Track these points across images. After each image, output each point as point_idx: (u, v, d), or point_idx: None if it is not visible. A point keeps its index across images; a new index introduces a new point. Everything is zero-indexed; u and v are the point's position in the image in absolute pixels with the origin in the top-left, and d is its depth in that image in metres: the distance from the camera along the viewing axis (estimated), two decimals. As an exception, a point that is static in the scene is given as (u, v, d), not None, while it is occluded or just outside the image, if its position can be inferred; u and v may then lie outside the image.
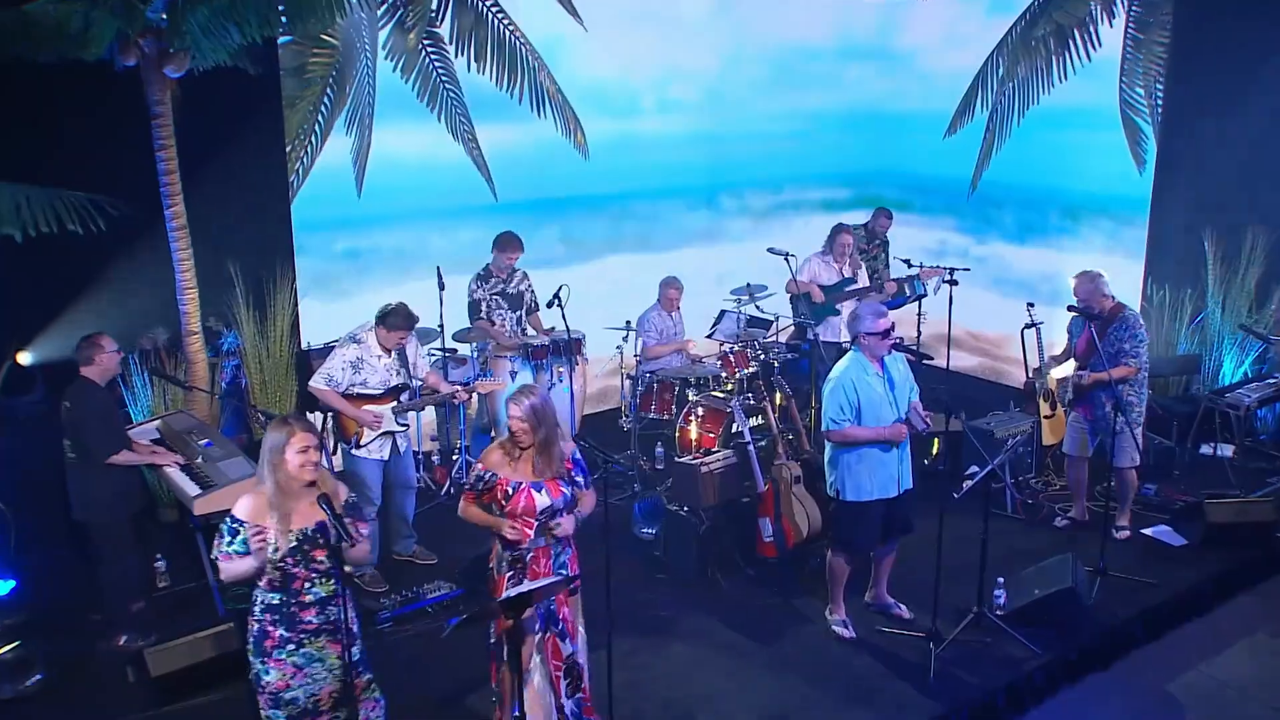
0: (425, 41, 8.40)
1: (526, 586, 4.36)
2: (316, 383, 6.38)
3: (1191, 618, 6.42)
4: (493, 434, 7.97)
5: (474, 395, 7.57)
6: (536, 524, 4.76)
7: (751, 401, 7.44)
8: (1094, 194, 9.60)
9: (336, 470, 6.64)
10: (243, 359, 7.93)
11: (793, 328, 9.15)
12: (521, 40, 8.84)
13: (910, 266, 9.69)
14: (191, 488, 5.77)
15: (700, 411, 7.74)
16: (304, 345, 8.04)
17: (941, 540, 5.70)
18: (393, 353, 6.47)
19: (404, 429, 6.56)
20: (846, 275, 8.78)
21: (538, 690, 4.88)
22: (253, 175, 7.69)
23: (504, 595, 4.27)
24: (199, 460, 6.02)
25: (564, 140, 9.21)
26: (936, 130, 10.71)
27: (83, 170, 6.35)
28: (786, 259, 8.32)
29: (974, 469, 6.25)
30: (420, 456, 8.00)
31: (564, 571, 4.85)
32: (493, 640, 4.83)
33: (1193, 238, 8.89)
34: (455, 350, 7.79)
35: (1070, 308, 6.83)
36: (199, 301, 7.15)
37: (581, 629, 5.06)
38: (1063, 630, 5.96)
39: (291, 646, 4.19)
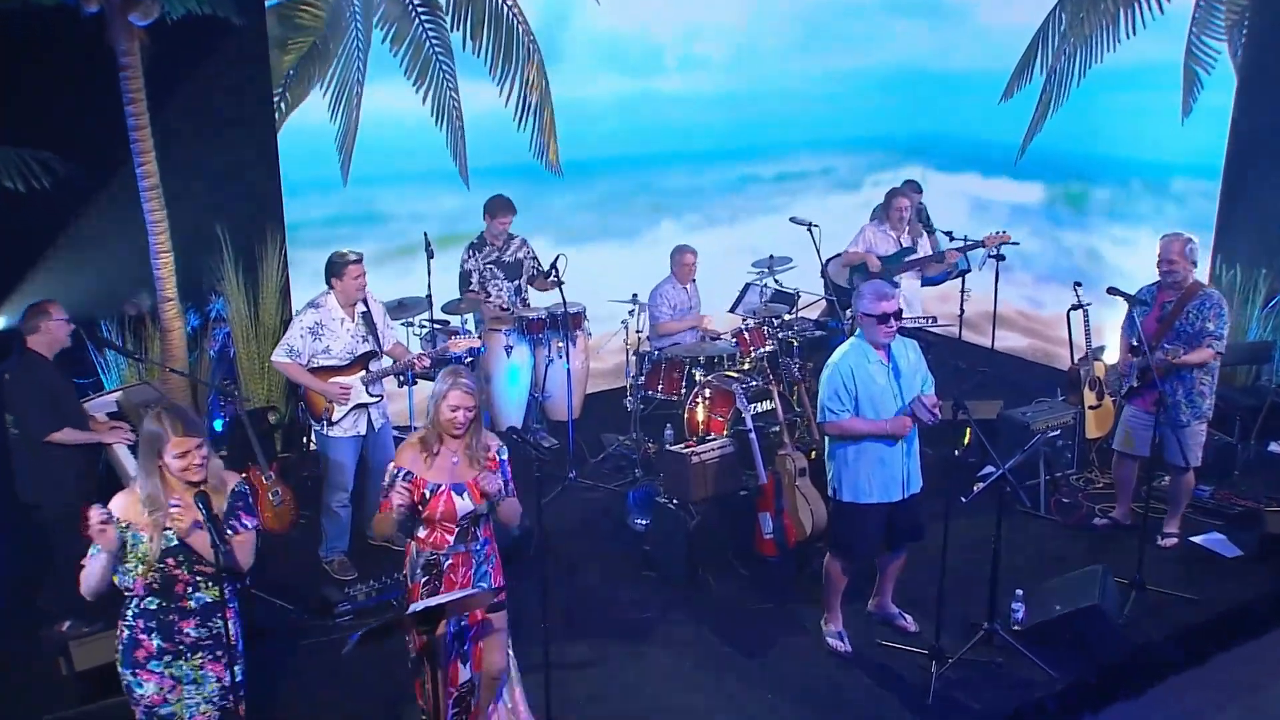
0: (420, 9, 7.83)
1: (441, 599, 3.84)
2: (277, 356, 5.95)
3: (1240, 641, 5.67)
4: (483, 396, 7.50)
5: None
6: (457, 529, 4.26)
7: (756, 384, 6.83)
8: (1158, 162, 8.74)
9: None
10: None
11: (824, 303, 8.53)
12: (520, 21, 8.25)
13: (952, 239, 8.99)
14: (134, 467, 5.36)
15: (708, 393, 7.16)
16: (295, 312, 7.61)
17: (947, 545, 5.11)
18: (356, 317, 5.99)
19: (377, 400, 6.09)
20: (905, 244, 8.10)
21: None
22: (237, 133, 7.26)
23: (412, 608, 3.75)
24: (148, 436, 5.62)
25: (573, 101, 8.59)
26: (990, 93, 9.89)
27: (43, 125, 5.99)
28: (810, 229, 7.66)
29: (989, 469, 5.60)
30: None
31: (485, 583, 4.34)
32: (413, 656, 4.34)
33: (1270, 211, 8.02)
34: (447, 322, 7.30)
35: (1111, 289, 6.09)
36: (174, 266, 6.81)
37: (509, 650, 4.54)
38: (1087, 651, 5.31)
39: (169, 658, 3.73)
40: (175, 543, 3.63)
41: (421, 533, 4.29)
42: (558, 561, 6.33)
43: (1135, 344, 6.13)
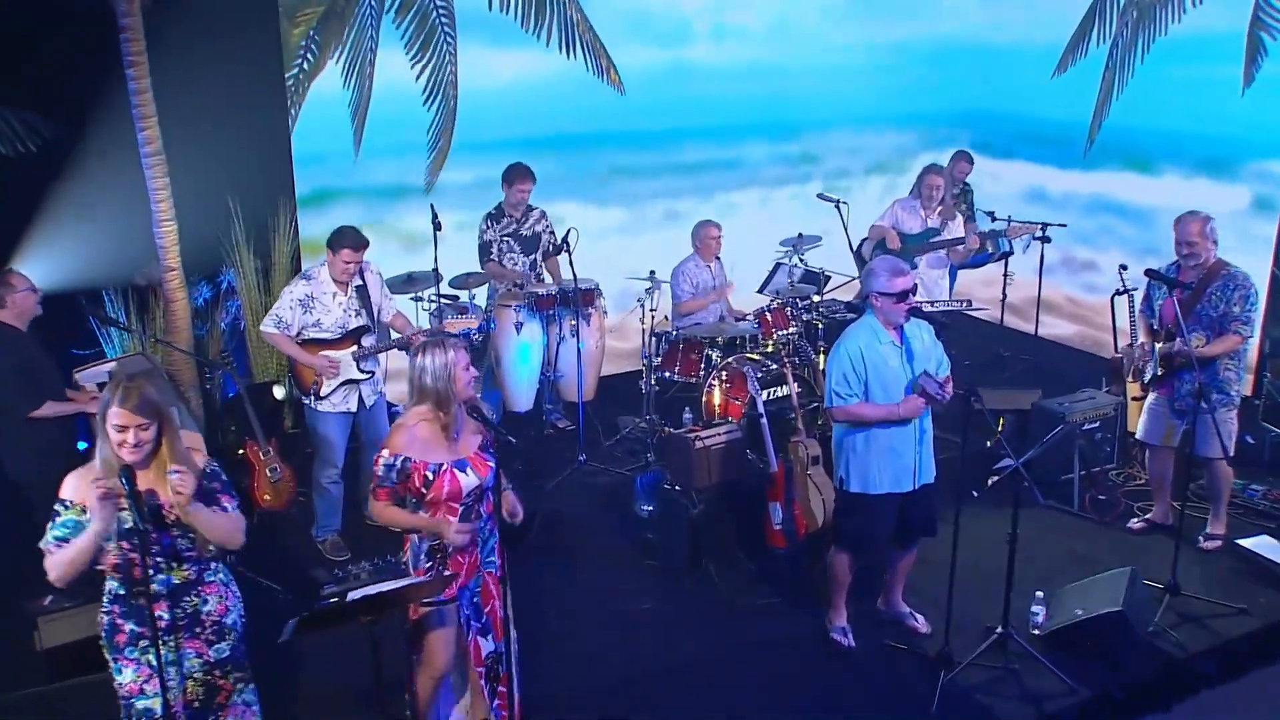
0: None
1: (382, 586, 3.58)
2: (265, 326, 5.76)
3: (1286, 656, 5.26)
4: (495, 376, 7.29)
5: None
6: (461, 509, 4.02)
7: (772, 367, 6.49)
8: (1226, 137, 8.18)
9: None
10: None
11: (858, 284, 8.15)
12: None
13: (994, 220, 8.55)
14: (112, 438, 5.22)
15: (725, 376, 6.84)
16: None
17: (958, 541, 4.76)
18: (350, 290, 5.78)
19: (368, 376, 5.88)
20: (933, 225, 7.69)
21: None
22: (247, 102, 7.07)
23: (351, 596, 3.50)
24: (134, 408, 5.48)
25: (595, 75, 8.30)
26: (1043, 67, 9.38)
27: (39, 87, 5.85)
28: (838, 206, 7.30)
29: (1006, 462, 5.23)
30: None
31: (493, 559, 4.14)
32: (408, 631, 4.13)
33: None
34: (456, 298, 7.06)
35: (1148, 272, 5.64)
36: (178, 235, 6.66)
37: (512, 627, 4.30)
38: (1111, 660, 4.92)
39: (145, 643, 3.54)
40: (129, 525, 3.42)
41: (424, 515, 4.04)
42: (558, 547, 6.10)
43: (1155, 329, 5.71)
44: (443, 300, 6.97)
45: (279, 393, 7.18)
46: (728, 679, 4.93)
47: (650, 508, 6.14)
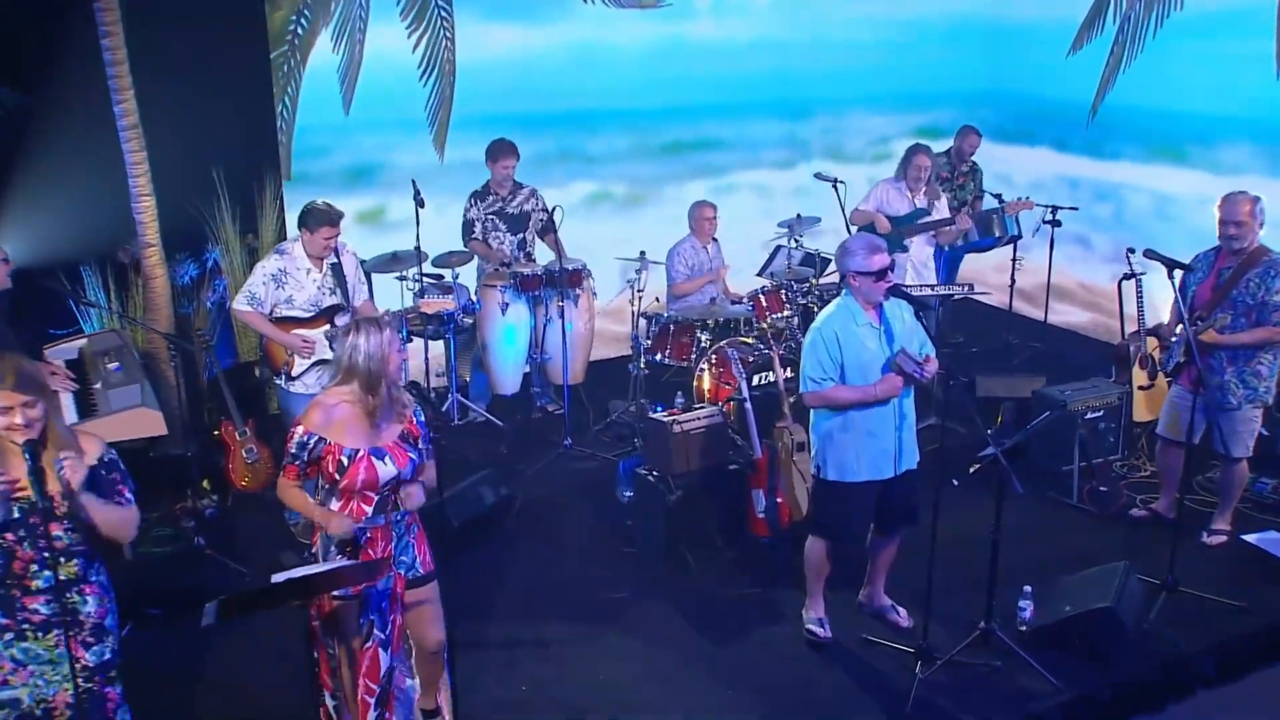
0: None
1: (307, 570, 3.41)
2: (238, 304, 5.62)
3: (1289, 657, 5.00)
4: (481, 359, 7.13)
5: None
6: (377, 499, 3.82)
7: (762, 351, 6.28)
8: (1246, 119, 7.85)
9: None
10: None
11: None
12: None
13: (1001, 201, 8.28)
14: (71, 416, 5.10)
15: (715, 359, 6.65)
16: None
17: (936, 532, 4.54)
18: (324, 268, 5.62)
19: None
20: (921, 205, 7.43)
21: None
22: (231, 71, 6.92)
23: (275, 579, 3.32)
24: (98, 386, 5.37)
25: (595, 44, 8.06)
26: (1059, 45, 9.07)
27: (11, 58, 5.73)
28: (835, 185, 7.07)
29: (990, 450, 4.97)
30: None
31: (406, 557, 3.92)
32: (316, 627, 3.93)
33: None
34: (441, 277, 6.90)
35: (1148, 253, 5.37)
36: (156, 211, 6.52)
37: (441, 632, 4.09)
38: (1102, 659, 4.69)
39: (10, 636, 3.34)
40: (17, 516, 3.25)
41: (335, 505, 3.86)
42: (535, 532, 5.94)
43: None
44: (426, 279, 6.81)
45: (261, 373, 7.06)
46: (698, 671, 4.74)
47: (631, 493, 5.96)
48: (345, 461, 3.73)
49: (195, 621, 3.13)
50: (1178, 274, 5.30)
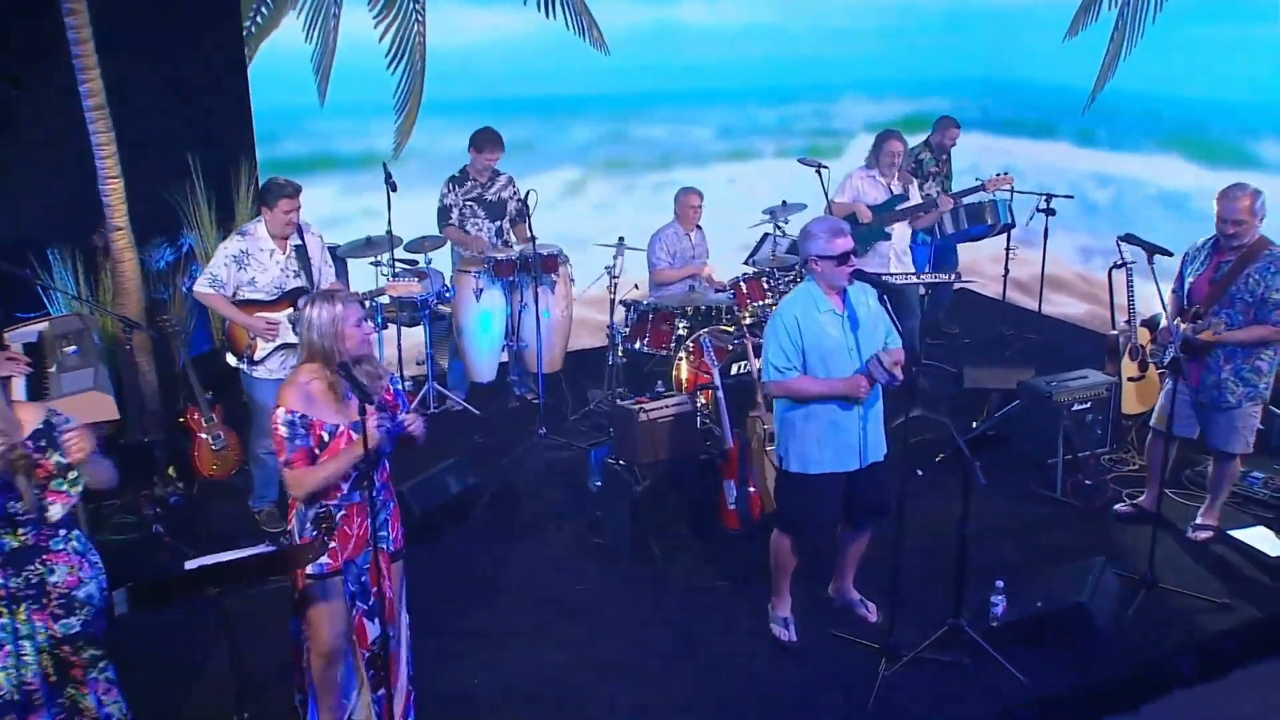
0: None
1: (224, 556, 3.29)
2: (199, 286, 5.51)
3: (1269, 655, 4.81)
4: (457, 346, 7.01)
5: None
6: (354, 475, 3.71)
7: (738, 339, 6.14)
8: (1253, 104, 7.64)
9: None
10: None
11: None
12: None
13: (979, 179, 8.09)
14: (22, 399, 5.00)
15: (692, 347, 6.51)
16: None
17: (904, 524, 4.41)
18: (288, 249, 5.51)
19: None
20: (896, 192, 7.27)
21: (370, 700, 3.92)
22: (203, 52, 6.83)
23: (189, 565, 3.21)
24: (53, 369, 5.28)
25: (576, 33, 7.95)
26: (1057, 30, 8.87)
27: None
28: (819, 171, 6.91)
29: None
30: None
31: (385, 533, 3.82)
32: (295, 612, 3.86)
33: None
34: (415, 262, 6.78)
35: (1126, 237, 5.18)
36: (125, 193, 6.42)
37: (404, 612, 4.01)
38: (1074, 656, 4.53)
39: None
40: None
41: None
42: (503, 522, 5.81)
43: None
44: (399, 265, 6.70)
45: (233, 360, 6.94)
46: (655, 665, 4.61)
47: (600, 483, 5.82)
48: (326, 438, 3.65)
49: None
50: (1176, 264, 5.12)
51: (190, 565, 3.16)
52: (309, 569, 3.67)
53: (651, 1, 8.11)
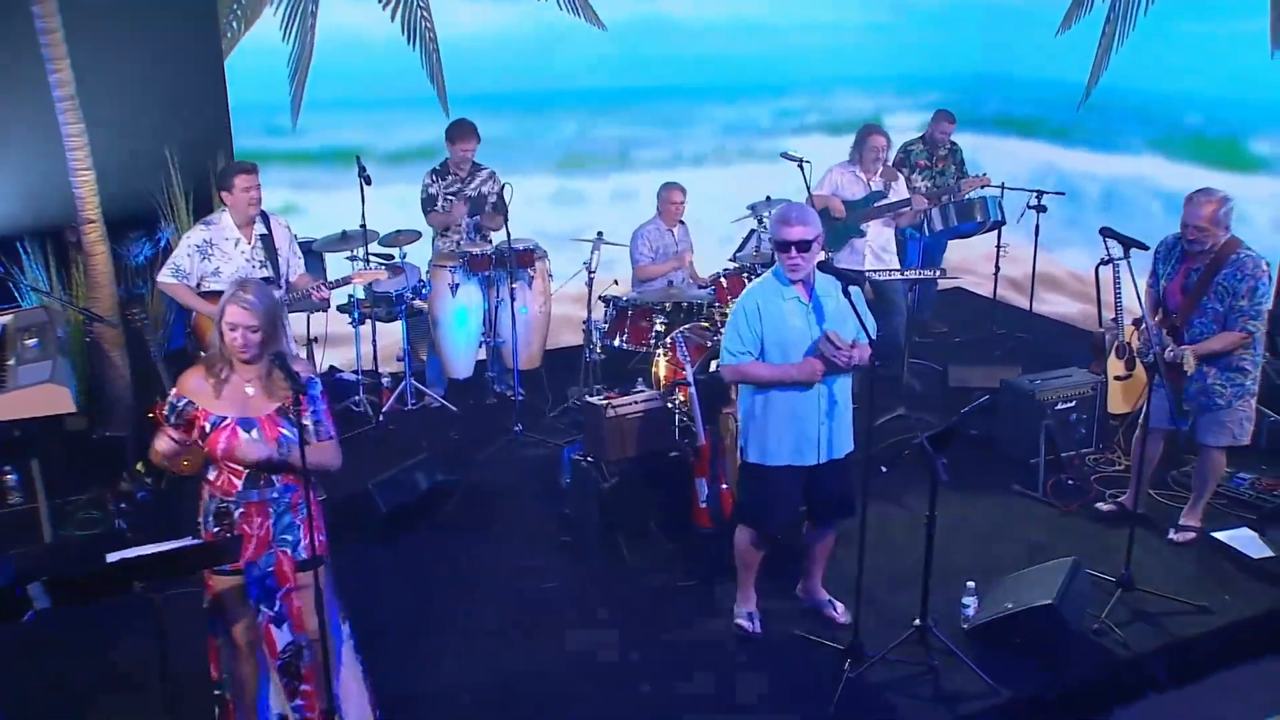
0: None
1: (139, 551, 3.19)
2: (163, 276, 5.47)
3: (1250, 660, 4.69)
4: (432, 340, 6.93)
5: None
6: (247, 472, 3.62)
7: (715, 335, 6.03)
8: (1243, 101, 7.51)
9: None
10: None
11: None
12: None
13: (961, 175, 8.00)
14: (-23, 394, 4.94)
15: (670, 343, 6.39)
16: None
17: (865, 522, 4.29)
18: (253, 239, 5.44)
19: None
20: (876, 188, 7.16)
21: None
22: (178, 42, 6.72)
23: (109, 559, 3.12)
24: (11, 362, 5.22)
25: (565, 22, 7.82)
26: (1051, 25, 8.74)
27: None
28: (800, 166, 6.79)
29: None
30: (363, 378, 6.96)
31: (290, 537, 3.71)
32: (208, 613, 3.78)
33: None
34: (390, 257, 6.70)
35: (1104, 230, 5.06)
36: (96, 185, 6.36)
37: (336, 617, 3.87)
38: (1045, 659, 4.41)
39: None
40: None
41: (211, 474, 3.70)
42: (473, 519, 5.72)
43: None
44: (375, 260, 6.61)
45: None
46: (616, 664, 4.51)
47: (569, 480, 5.73)
48: (208, 428, 3.58)
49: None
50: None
51: (112, 558, 3.06)
52: (181, 571, 3.58)
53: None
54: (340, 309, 6.91)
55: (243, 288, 3.59)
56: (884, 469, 4.28)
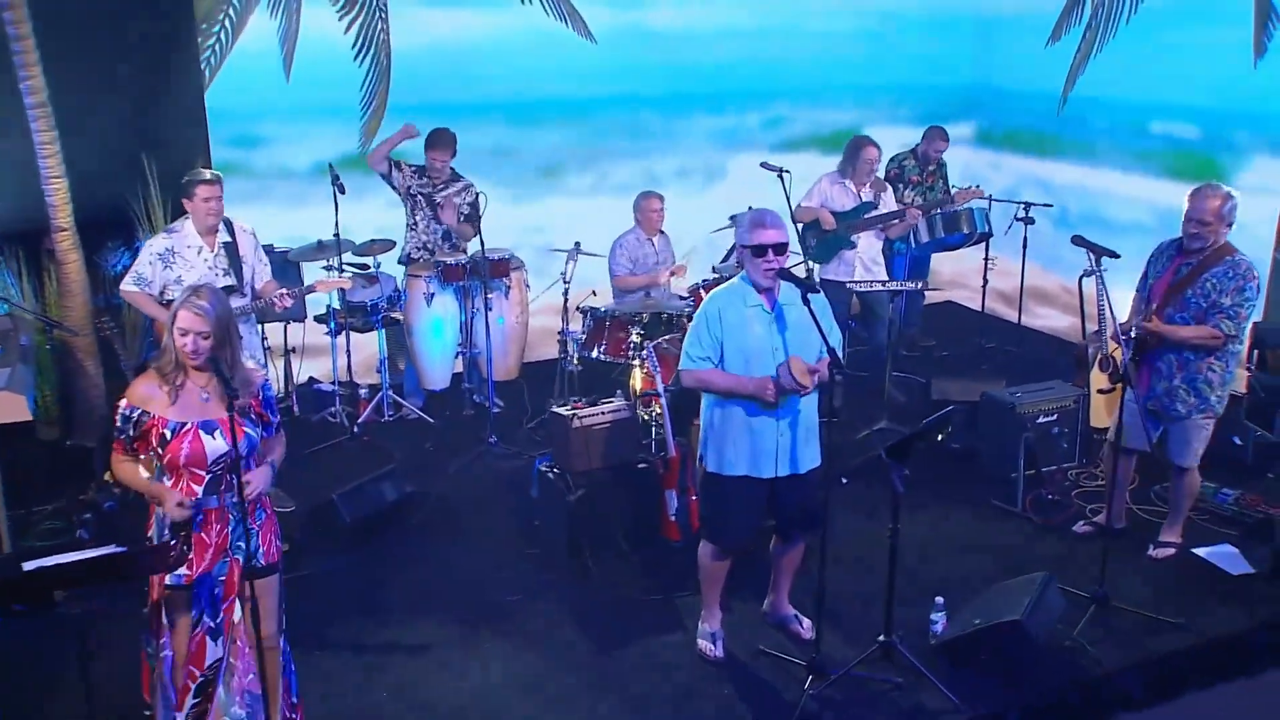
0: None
1: (67, 557, 3.11)
2: (125, 285, 5.41)
3: (1227, 678, 4.56)
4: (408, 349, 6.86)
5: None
6: (208, 478, 3.55)
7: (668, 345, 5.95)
8: (1227, 111, 7.42)
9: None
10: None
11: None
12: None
13: (950, 192, 7.91)
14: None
15: (645, 354, 6.31)
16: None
17: (826, 536, 4.19)
18: (217, 246, 5.39)
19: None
20: (866, 200, 7.07)
21: (219, 705, 3.72)
22: (155, 50, 6.69)
23: (26, 566, 3.03)
24: (-29, 367, 5.18)
25: (551, 31, 7.77)
26: (1039, 37, 8.67)
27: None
28: (780, 176, 6.71)
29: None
30: (340, 389, 6.89)
31: (241, 544, 3.63)
32: (145, 622, 3.70)
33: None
34: (365, 266, 6.64)
35: (1076, 239, 4.97)
36: (69, 193, 6.32)
37: (272, 626, 3.76)
38: (1012, 676, 4.30)
39: None
40: None
41: (166, 483, 3.61)
42: (440, 531, 5.64)
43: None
44: (349, 269, 6.56)
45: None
46: (573, 680, 4.41)
47: (536, 492, 5.64)
48: (168, 435, 3.50)
49: None
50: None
51: (28, 566, 2.98)
52: (168, 579, 3.53)
53: (622, 5, 7.94)
54: (317, 319, 6.86)
55: (196, 293, 3.54)
56: (844, 480, 4.16)
